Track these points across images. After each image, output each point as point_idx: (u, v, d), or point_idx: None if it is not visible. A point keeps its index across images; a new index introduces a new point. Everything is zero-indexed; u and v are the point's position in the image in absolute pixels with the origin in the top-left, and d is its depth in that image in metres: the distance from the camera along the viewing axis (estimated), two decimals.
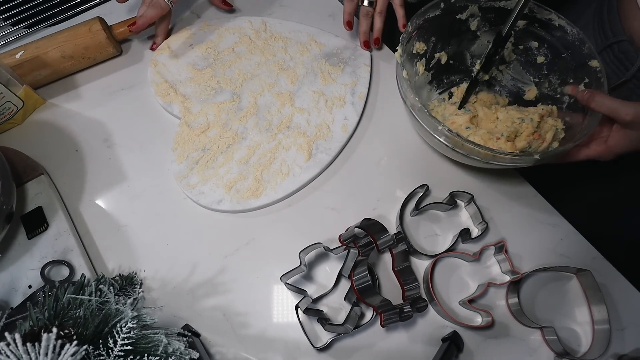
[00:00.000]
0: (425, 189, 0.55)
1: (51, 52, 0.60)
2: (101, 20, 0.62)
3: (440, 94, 0.62)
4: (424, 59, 0.58)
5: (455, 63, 0.61)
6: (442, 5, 0.54)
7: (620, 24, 0.55)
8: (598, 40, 0.58)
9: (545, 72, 0.57)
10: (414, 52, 0.57)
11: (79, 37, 0.60)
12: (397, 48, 0.52)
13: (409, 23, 0.53)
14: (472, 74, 0.58)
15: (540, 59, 0.57)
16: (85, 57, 0.62)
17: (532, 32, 0.56)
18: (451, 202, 0.54)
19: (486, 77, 0.57)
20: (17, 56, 0.58)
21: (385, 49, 0.68)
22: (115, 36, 0.63)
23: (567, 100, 0.55)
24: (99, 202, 0.56)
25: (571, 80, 0.54)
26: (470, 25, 0.58)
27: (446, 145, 0.49)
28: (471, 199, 0.53)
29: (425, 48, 0.57)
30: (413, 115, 0.50)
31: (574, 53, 0.53)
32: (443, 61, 0.60)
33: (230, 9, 0.69)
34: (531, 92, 0.59)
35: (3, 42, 0.67)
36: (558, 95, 0.56)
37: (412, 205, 0.54)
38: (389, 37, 0.67)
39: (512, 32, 0.57)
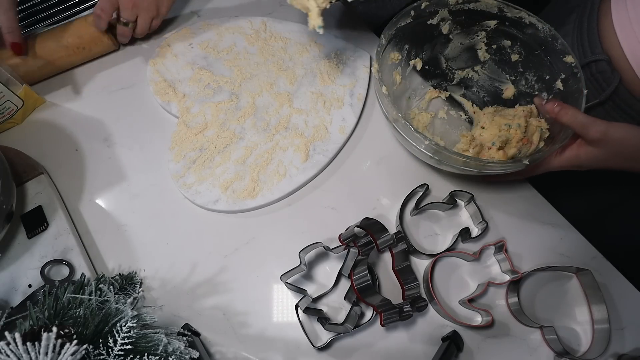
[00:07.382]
0: (425, 188, 0.55)
1: (45, 41, 0.60)
2: None
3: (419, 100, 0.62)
4: (399, 67, 0.58)
5: (430, 68, 0.61)
6: (412, 13, 0.54)
7: (600, 43, 0.53)
8: (576, 57, 0.56)
9: (521, 70, 0.58)
10: (389, 62, 0.56)
11: (73, 26, 0.61)
12: (373, 63, 0.50)
13: (382, 35, 0.52)
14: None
15: (515, 57, 0.57)
16: (80, 47, 0.62)
17: (504, 31, 0.56)
18: (451, 201, 0.54)
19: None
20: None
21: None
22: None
23: (545, 97, 0.55)
24: (99, 201, 0.56)
25: (547, 77, 0.54)
26: (442, 29, 0.58)
27: (435, 159, 0.48)
28: (471, 199, 0.53)
29: (400, 57, 0.57)
30: (396, 130, 0.49)
31: (547, 49, 0.53)
32: (418, 67, 0.60)
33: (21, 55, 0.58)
34: (509, 91, 0.59)
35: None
36: (536, 92, 0.56)
37: (412, 204, 0.54)
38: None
39: (484, 31, 0.57)
